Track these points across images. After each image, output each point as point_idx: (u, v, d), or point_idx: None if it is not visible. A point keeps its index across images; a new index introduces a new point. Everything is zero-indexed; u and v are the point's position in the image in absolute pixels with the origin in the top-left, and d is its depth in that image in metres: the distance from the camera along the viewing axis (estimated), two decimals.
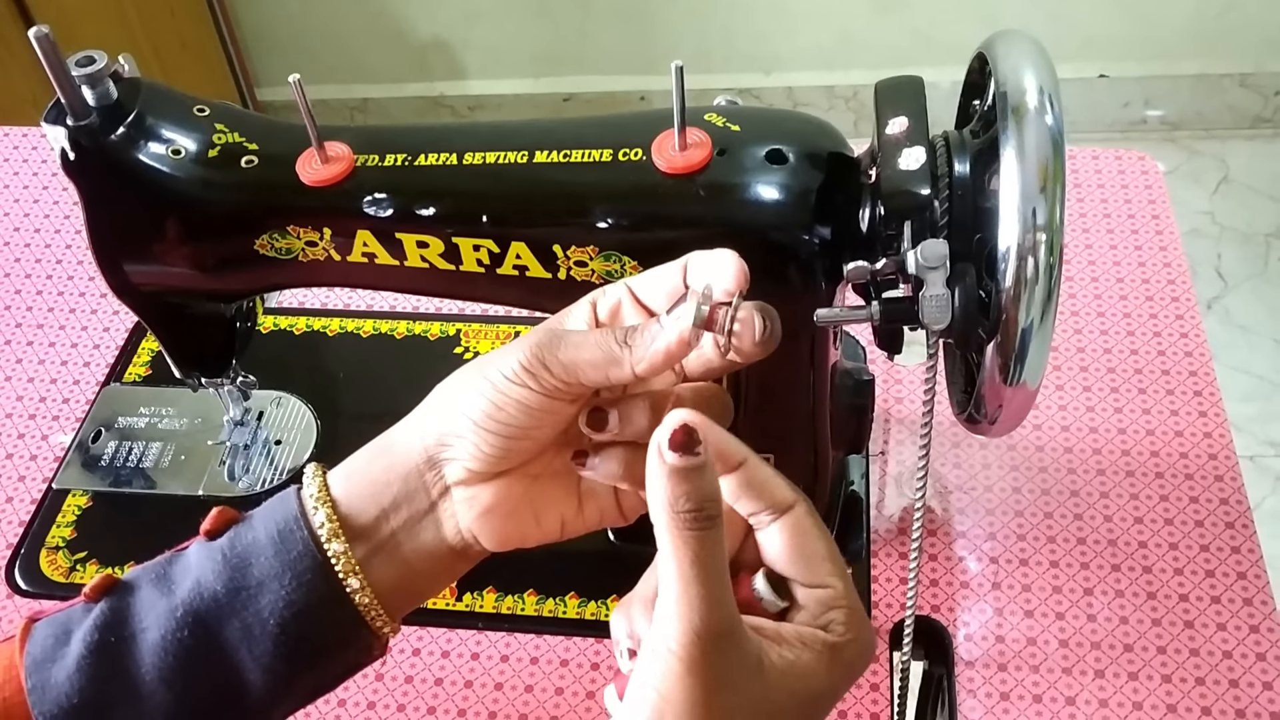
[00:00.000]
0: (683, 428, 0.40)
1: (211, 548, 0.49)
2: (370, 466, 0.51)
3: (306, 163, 0.64)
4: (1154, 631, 0.72)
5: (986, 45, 0.61)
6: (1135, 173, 1.00)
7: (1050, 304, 0.56)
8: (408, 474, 0.50)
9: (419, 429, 0.50)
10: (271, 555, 0.47)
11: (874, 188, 0.60)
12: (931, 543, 0.77)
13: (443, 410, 0.50)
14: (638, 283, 0.50)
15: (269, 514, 0.49)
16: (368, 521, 0.49)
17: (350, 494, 0.50)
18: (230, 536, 0.49)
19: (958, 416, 0.66)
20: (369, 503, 0.50)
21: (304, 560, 0.47)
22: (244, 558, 0.48)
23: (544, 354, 0.46)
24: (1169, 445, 0.81)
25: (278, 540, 0.48)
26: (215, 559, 0.48)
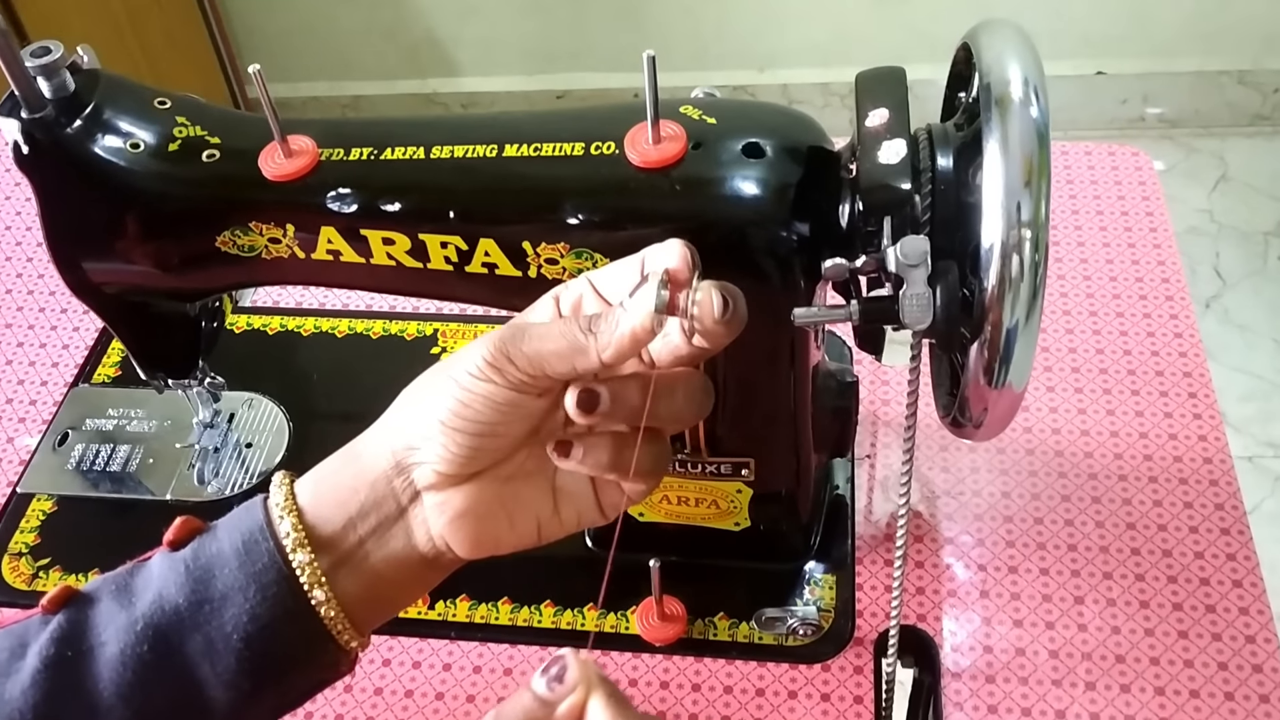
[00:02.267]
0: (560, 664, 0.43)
1: (174, 559, 0.47)
2: (338, 474, 0.49)
3: (269, 157, 0.62)
4: (1147, 642, 0.70)
5: (971, 35, 0.59)
6: (1129, 169, 0.97)
7: (1035, 303, 0.54)
8: (375, 480, 0.48)
9: (386, 434, 0.49)
10: (236, 567, 0.46)
11: (853, 182, 0.58)
12: (918, 549, 0.75)
13: (409, 413, 0.49)
14: (599, 277, 0.49)
15: (234, 524, 0.48)
16: (335, 530, 0.48)
17: (317, 502, 0.48)
18: (194, 547, 0.47)
19: (942, 420, 0.64)
20: (336, 511, 0.48)
21: (269, 572, 0.46)
22: (207, 569, 0.46)
23: (508, 347, 0.46)
24: (1163, 449, 0.79)
25: (242, 551, 0.46)
26: (178, 570, 0.47)
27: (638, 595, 0.73)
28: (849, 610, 0.73)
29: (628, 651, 0.72)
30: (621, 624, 0.73)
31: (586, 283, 0.50)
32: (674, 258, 0.47)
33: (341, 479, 0.49)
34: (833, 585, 0.74)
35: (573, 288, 0.50)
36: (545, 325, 0.47)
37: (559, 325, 0.46)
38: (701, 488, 0.71)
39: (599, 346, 0.45)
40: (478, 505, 0.48)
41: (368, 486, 0.48)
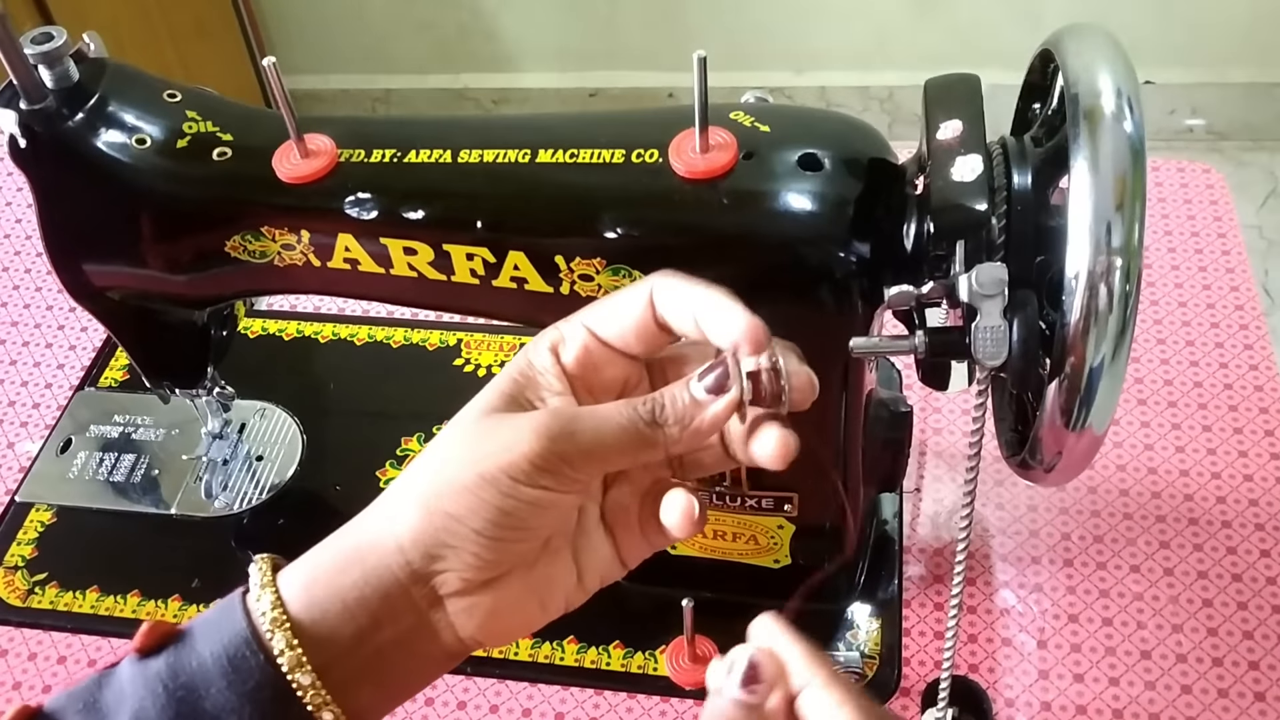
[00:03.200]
0: (751, 665, 0.40)
1: (148, 675, 0.40)
2: (337, 581, 0.41)
3: (284, 157, 0.58)
4: (1220, 704, 0.64)
5: (1053, 41, 0.54)
6: (1199, 186, 0.92)
7: (1124, 339, 0.48)
8: (388, 591, 0.41)
9: (395, 537, 0.41)
10: (224, 686, 0.39)
11: (921, 200, 0.53)
12: (970, 593, 0.70)
13: (427, 517, 0.41)
14: (596, 322, 0.42)
15: (213, 633, 0.40)
16: (342, 647, 0.40)
17: (315, 614, 0.40)
18: (169, 662, 0.40)
19: (1007, 460, 0.59)
20: (341, 624, 0.40)
21: (264, 690, 0.39)
22: (190, 689, 0.39)
23: (562, 447, 0.39)
24: (1236, 490, 0.73)
25: (229, 668, 0.39)
26: (154, 690, 0.40)
27: (668, 634, 0.68)
28: (894, 657, 0.68)
29: (655, 695, 0.67)
30: (650, 665, 0.68)
31: (584, 330, 0.43)
32: (749, 338, 0.40)
33: (344, 588, 0.41)
34: (878, 629, 0.69)
35: (570, 338, 0.43)
36: (600, 416, 0.40)
37: (616, 415, 0.40)
38: (740, 522, 0.66)
39: (668, 440, 0.40)
40: (509, 601, 0.42)
41: (379, 598, 0.41)
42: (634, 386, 0.44)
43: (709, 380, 0.40)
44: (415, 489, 0.41)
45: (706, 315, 0.40)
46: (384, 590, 0.40)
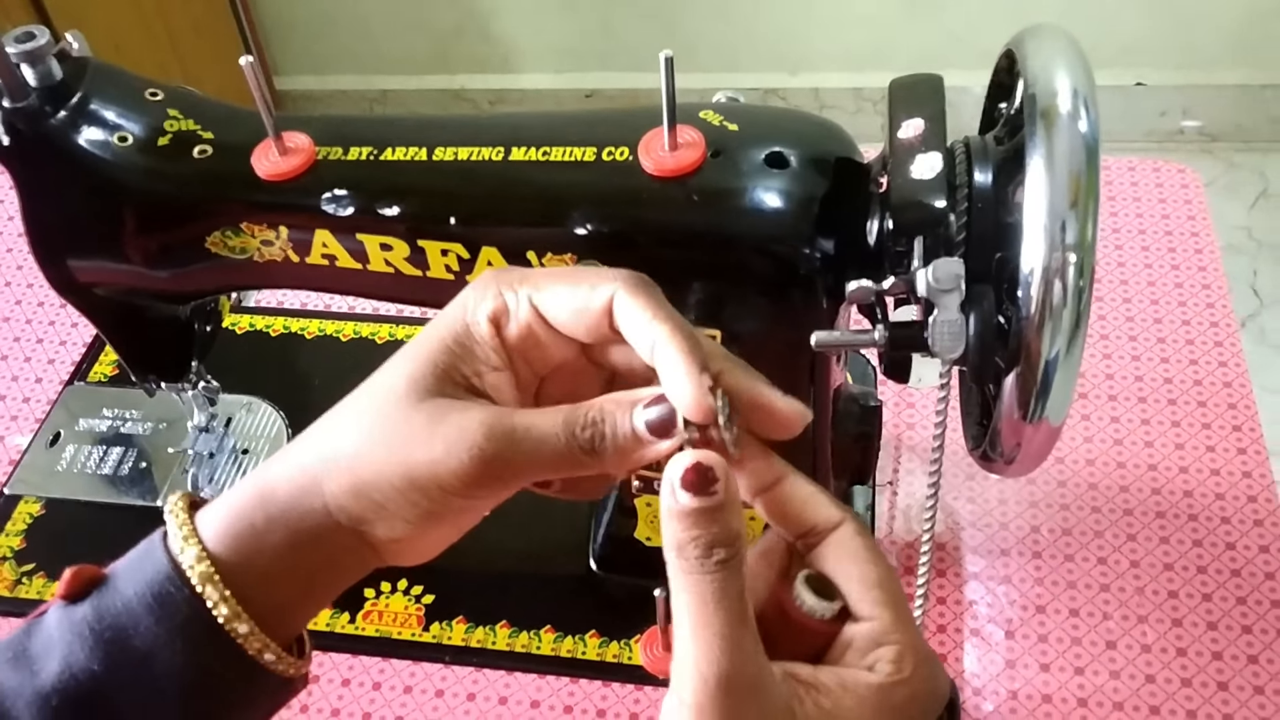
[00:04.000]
0: (694, 467, 0.35)
1: (75, 620, 0.40)
2: (263, 527, 0.40)
3: (263, 154, 0.59)
4: (1183, 693, 0.66)
5: (1015, 41, 0.55)
6: (1174, 185, 0.93)
7: (1078, 333, 0.49)
8: (316, 535, 0.41)
9: (322, 500, 0.40)
10: (152, 623, 0.39)
11: (884, 198, 0.54)
12: (940, 584, 0.71)
13: (354, 499, 0.40)
14: (546, 304, 0.40)
15: (135, 574, 0.40)
16: (269, 585, 0.41)
17: (240, 560, 0.40)
18: (94, 606, 0.40)
19: (971, 453, 0.60)
20: (268, 567, 0.41)
21: (193, 624, 0.40)
22: (117, 628, 0.40)
23: (497, 470, 0.38)
24: (1204, 484, 0.75)
25: (155, 605, 0.39)
26: (81, 634, 0.40)
27: (642, 624, 0.70)
28: None
29: (630, 683, 0.68)
30: (624, 654, 0.70)
31: (532, 309, 0.40)
32: (691, 412, 0.37)
33: (269, 529, 0.40)
34: None
35: (516, 311, 0.40)
36: (536, 437, 0.38)
37: (554, 440, 0.38)
38: None
39: (604, 466, 0.39)
40: (438, 538, 0.42)
41: (308, 542, 0.40)
42: (574, 369, 0.42)
43: (653, 417, 0.38)
44: (339, 462, 0.40)
45: (662, 366, 0.38)
46: (312, 536, 0.41)
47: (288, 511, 0.40)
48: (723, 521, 0.35)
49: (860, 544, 0.38)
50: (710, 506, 0.35)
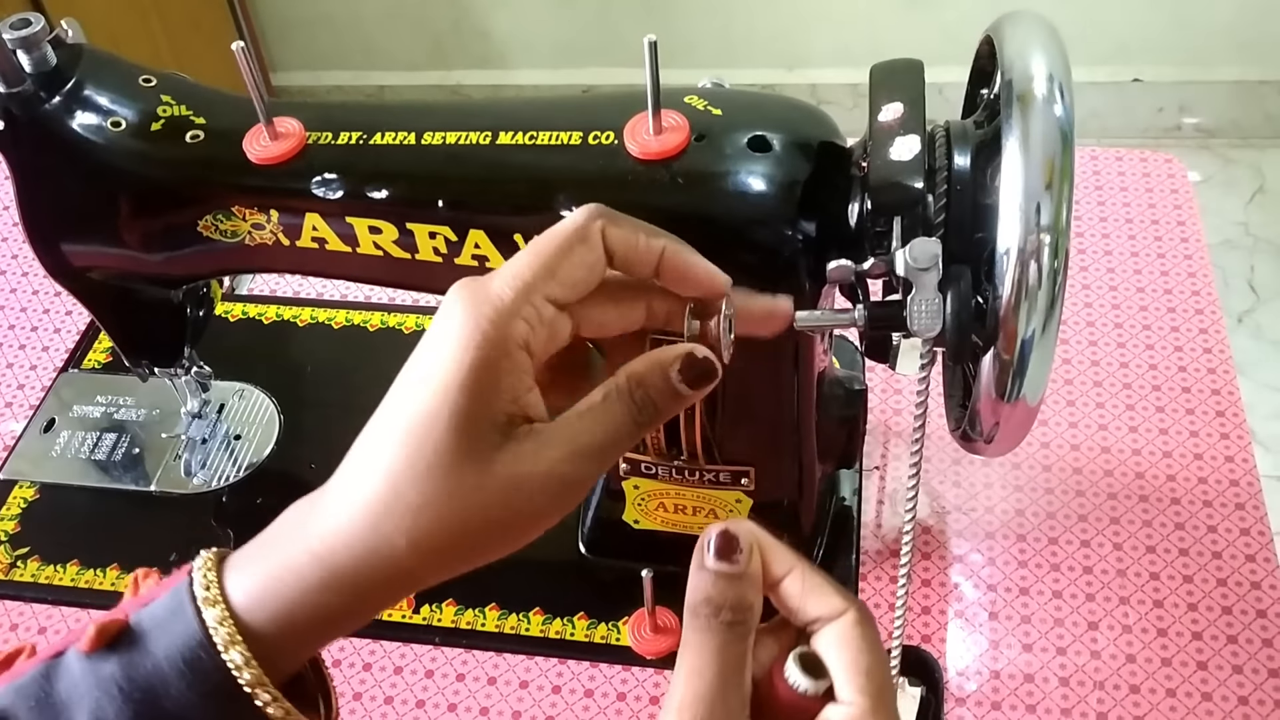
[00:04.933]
0: (723, 534, 0.39)
1: (102, 677, 0.40)
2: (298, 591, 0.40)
3: (254, 139, 0.60)
4: (1163, 672, 0.66)
5: (994, 27, 0.56)
6: (1161, 176, 0.94)
7: (1053, 313, 0.50)
8: (378, 601, 0.41)
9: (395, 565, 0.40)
10: (184, 688, 0.39)
11: (864, 180, 0.55)
12: (925, 567, 0.72)
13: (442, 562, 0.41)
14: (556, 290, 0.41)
15: (164, 636, 0.40)
16: (298, 644, 0.41)
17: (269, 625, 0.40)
18: (124, 666, 0.40)
19: (952, 433, 0.61)
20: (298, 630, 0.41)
21: (222, 691, 0.40)
22: (147, 690, 0.40)
23: (590, 481, 0.42)
24: (1187, 469, 0.75)
25: (185, 670, 0.39)
26: (110, 694, 0.40)
27: (630, 606, 0.70)
28: None
29: (618, 664, 0.69)
30: (612, 635, 0.70)
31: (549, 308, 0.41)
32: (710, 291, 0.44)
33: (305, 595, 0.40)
34: None
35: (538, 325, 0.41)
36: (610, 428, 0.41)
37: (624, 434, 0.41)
38: (699, 496, 0.68)
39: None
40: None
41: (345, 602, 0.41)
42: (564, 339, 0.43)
43: (690, 374, 0.41)
44: (420, 535, 0.39)
45: (677, 266, 0.43)
46: (371, 600, 0.41)
47: (356, 589, 0.40)
48: (739, 590, 0.39)
49: (858, 633, 0.40)
50: (730, 573, 0.39)
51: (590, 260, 0.41)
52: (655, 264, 0.43)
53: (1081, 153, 0.96)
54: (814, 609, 0.40)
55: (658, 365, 0.41)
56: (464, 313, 0.40)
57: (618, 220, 0.42)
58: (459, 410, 0.39)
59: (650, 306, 0.45)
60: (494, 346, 0.39)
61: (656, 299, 0.45)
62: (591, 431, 0.41)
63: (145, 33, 2.03)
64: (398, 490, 0.39)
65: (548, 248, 0.41)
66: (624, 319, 0.44)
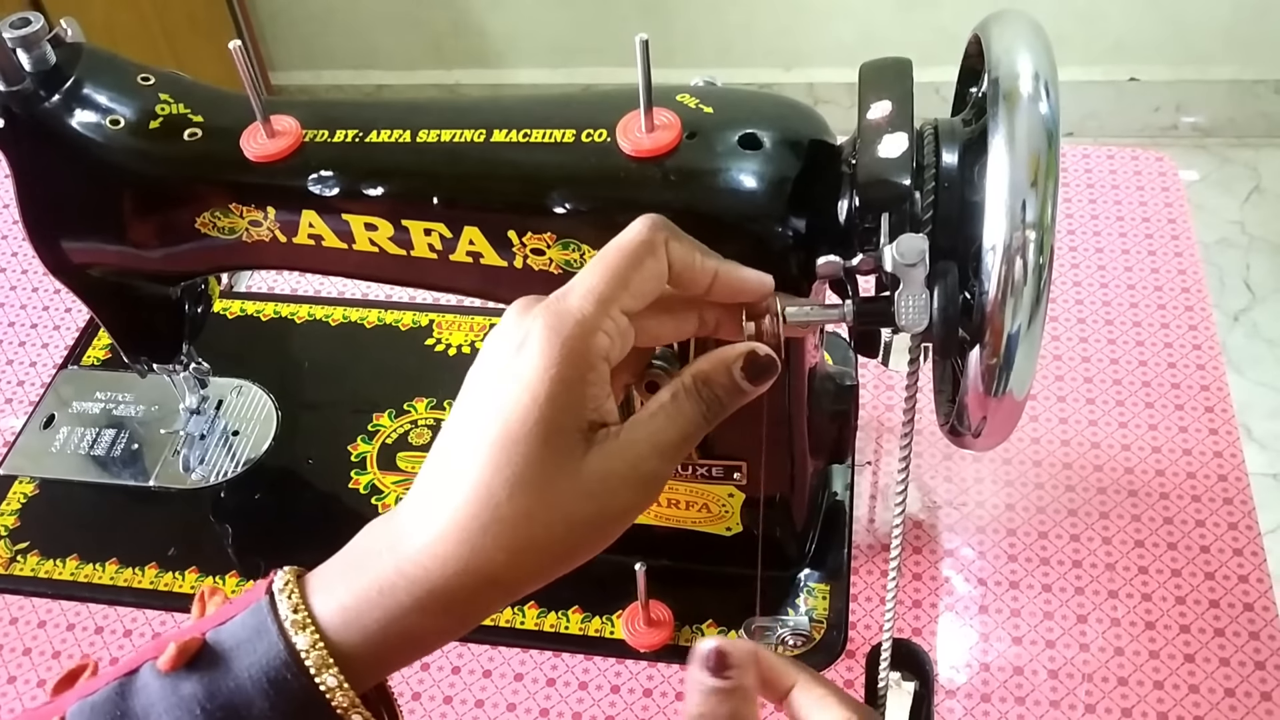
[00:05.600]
0: (717, 651, 0.43)
1: (183, 696, 0.40)
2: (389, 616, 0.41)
3: (251, 137, 0.60)
4: (1151, 665, 0.67)
5: (981, 26, 0.57)
6: (1152, 174, 0.94)
7: (1039, 309, 0.51)
8: (468, 621, 0.43)
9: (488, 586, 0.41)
10: (267, 708, 0.40)
11: (853, 177, 0.55)
12: (916, 561, 0.73)
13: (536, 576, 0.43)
14: (629, 302, 0.43)
15: (248, 654, 0.40)
16: (382, 665, 0.42)
17: (358, 645, 0.41)
18: (205, 684, 0.40)
19: (941, 428, 0.61)
20: (385, 650, 0.42)
21: (309, 711, 0.40)
22: (229, 709, 0.40)
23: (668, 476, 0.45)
24: (1176, 464, 0.76)
25: (269, 690, 0.40)
26: (193, 711, 0.40)
27: (625, 599, 0.71)
28: (842, 621, 0.71)
29: (611, 657, 0.70)
30: (606, 628, 0.71)
31: (625, 322, 0.43)
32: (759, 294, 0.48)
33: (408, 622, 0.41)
34: (826, 595, 0.72)
35: (616, 338, 0.43)
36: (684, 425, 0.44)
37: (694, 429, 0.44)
38: (692, 490, 0.69)
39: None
40: None
41: (458, 626, 0.43)
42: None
43: (752, 371, 0.45)
44: (518, 552, 0.41)
45: (733, 281, 0.47)
46: (463, 620, 0.42)
47: (451, 608, 0.41)
48: (731, 704, 0.42)
49: None
50: (723, 688, 0.42)
51: (658, 271, 0.44)
52: (709, 283, 0.46)
53: (1073, 151, 0.97)
54: (817, 718, 0.43)
55: (722, 363, 0.44)
56: (547, 329, 0.41)
57: (678, 235, 0.45)
58: (548, 422, 0.40)
59: (702, 316, 0.47)
60: (581, 359, 0.41)
61: (707, 309, 0.47)
62: (666, 429, 0.43)
63: (144, 31, 2.04)
64: (494, 505, 0.40)
65: (618, 260, 0.43)
66: (679, 329, 0.47)
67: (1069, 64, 2.18)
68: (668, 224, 0.45)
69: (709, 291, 0.46)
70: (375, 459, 0.79)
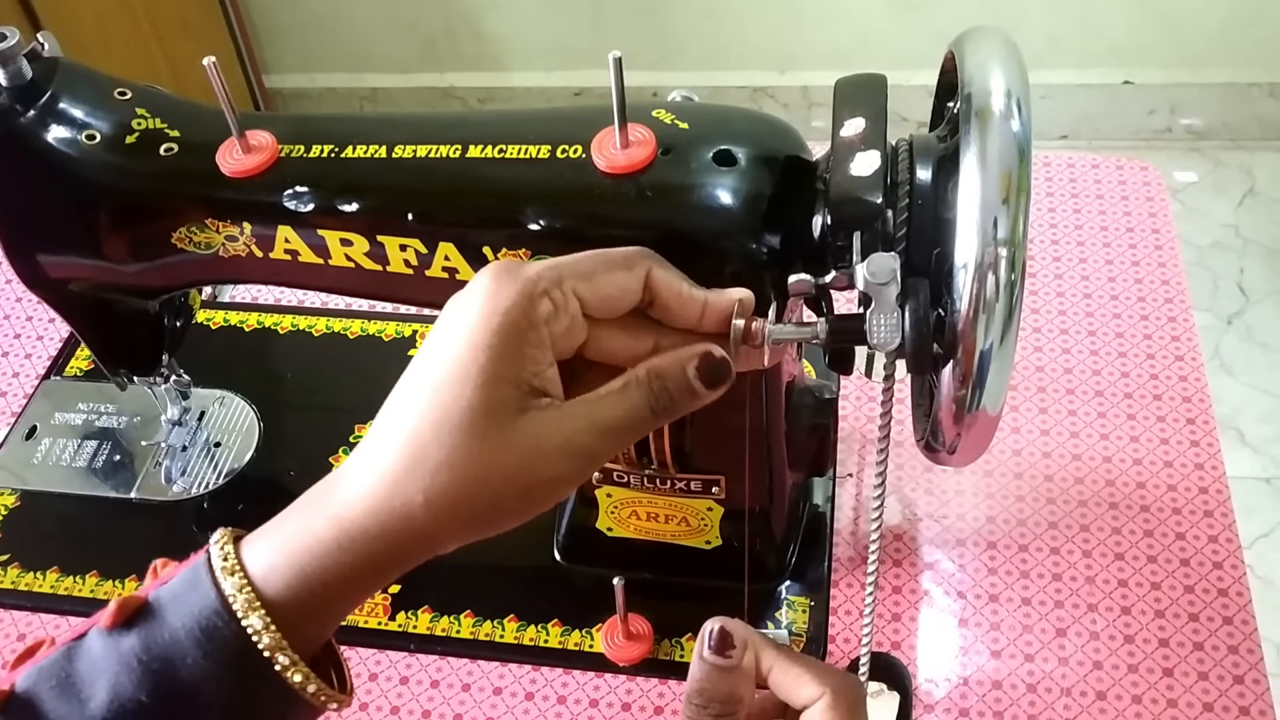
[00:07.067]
0: (721, 630, 0.46)
1: (122, 651, 0.41)
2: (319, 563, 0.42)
3: (227, 152, 0.60)
4: (1130, 679, 0.67)
5: (956, 43, 0.57)
6: (1137, 183, 0.94)
7: (1011, 325, 0.51)
8: (397, 568, 0.43)
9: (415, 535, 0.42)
10: (200, 656, 0.40)
11: (826, 194, 0.55)
12: (896, 574, 0.73)
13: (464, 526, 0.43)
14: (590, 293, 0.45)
15: (182, 606, 0.41)
16: (315, 615, 0.42)
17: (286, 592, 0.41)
18: (142, 638, 0.41)
19: (917, 443, 0.61)
20: (316, 599, 0.42)
21: (241, 659, 0.41)
22: (165, 660, 0.41)
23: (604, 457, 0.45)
24: (1157, 476, 0.76)
25: (201, 639, 0.40)
26: (129, 665, 0.41)
27: (604, 613, 0.71)
28: (821, 635, 0.71)
29: (590, 670, 0.70)
30: (586, 642, 0.71)
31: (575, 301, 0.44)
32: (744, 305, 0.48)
33: (324, 566, 0.41)
34: (806, 608, 0.72)
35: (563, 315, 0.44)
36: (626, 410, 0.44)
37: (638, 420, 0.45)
38: (671, 504, 0.69)
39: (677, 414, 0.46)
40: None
41: (385, 574, 0.43)
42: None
43: (706, 374, 0.46)
44: (440, 496, 0.41)
45: (722, 306, 0.47)
46: (391, 567, 0.42)
47: (372, 550, 0.41)
48: (729, 682, 0.45)
49: (830, 715, 0.44)
50: (723, 666, 0.45)
51: (625, 283, 0.45)
52: (699, 314, 0.47)
53: (1058, 159, 0.97)
54: (796, 697, 0.45)
55: (677, 361, 0.45)
56: (493, 283, 0.43)
57: (664, 266, 0.46)
58: (484, 370, 0.41)
59: (658, 344, 0.47)
60: (522, 315, 0.42)
61: (666, 337, 0.47)
62: (610, 411, 0.44)
63: (136, 35, 2.03)
64: (421, 448, 0.41)
65: (591, 256, 0.45)
66: (632, 349, 0.47)
67: (1063, 67, 2.18)
68: (656, 255, 0.47)
69: (701, 322, 0.47)
70: None
